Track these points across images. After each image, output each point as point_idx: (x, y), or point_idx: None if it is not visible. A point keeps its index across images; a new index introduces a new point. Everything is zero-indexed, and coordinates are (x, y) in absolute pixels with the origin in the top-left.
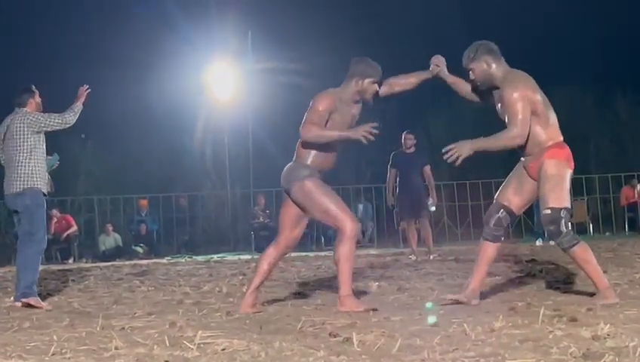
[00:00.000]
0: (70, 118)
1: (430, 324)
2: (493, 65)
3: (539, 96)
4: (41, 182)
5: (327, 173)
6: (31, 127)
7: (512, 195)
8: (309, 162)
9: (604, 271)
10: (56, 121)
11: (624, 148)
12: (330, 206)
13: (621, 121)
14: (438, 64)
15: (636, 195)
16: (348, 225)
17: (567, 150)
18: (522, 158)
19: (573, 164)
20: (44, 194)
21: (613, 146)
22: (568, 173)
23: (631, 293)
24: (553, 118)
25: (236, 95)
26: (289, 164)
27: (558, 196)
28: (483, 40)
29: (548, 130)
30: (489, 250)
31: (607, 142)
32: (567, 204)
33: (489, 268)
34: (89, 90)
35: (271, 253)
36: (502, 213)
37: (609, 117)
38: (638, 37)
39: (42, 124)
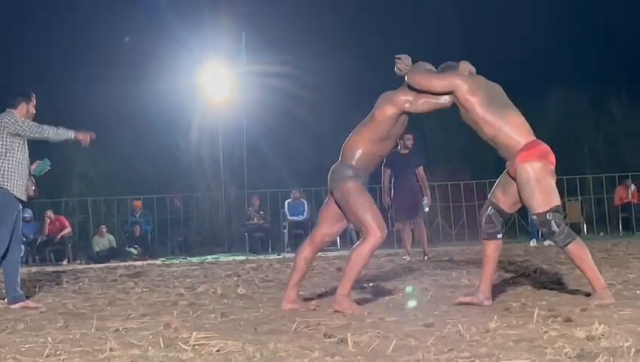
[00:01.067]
0: (49, 132)
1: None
2: None
3: (479, 97)
4: (12, 184)
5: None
6: (7, 127)
7: (501, 195)
8: (353, 162)
9: None
10: (33, 129)
11: (618, 148)
12: (364, 211)
13: (615, 121)
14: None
15: (630, 195)
16: (374, 233)
17: (539, 147)
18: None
19: (551, 158)
20: (19, 199)
21: (607, 147)
22: (546, 170)
23: (625, 294)
24: (515, 118)
25: (230, 96)
26: (335, 164)
27: (540, 200)
28: (445, 62)
29: (514, 132)
30: (488, 248)
31: (601, 142)
32: (553, 203)
33: (494, 267)
34: (94, 139)
35: (306, 248)
36: (490, 210)
37: (603, 118)
38: (632, 38)
39: (18, 127)
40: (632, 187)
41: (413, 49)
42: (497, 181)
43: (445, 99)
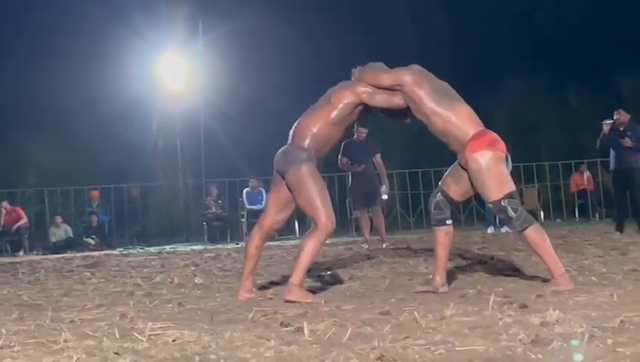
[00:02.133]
0: None
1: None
2: None
3: (426, 89)
4: None
5: (322, 161)
6: None
7: (452, 183)
8: (305, 145)
9: None
10: None
11: (574, 135)
12: (315, 197)
13: (571, 108)
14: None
15: (585, 182)
16: (323, 221)
17: (487, 136)
18: None
19: (500, 145)
20: None
21: (563, 134)
22: (496, 158)
23: (580, 279)
24: (462, 109)
25: (188, 85)
26: (284, 147)
27: (493, 188)
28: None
29: (463, 123)
30: (439, 235)
31: (557, 129)
32: (507, 189)
33: (446, 253)
34: None
35: (256, 235)
36: (439, 196)
37: (559, 105)
38: (588, 26)
39: None
40: (587, 173)
41: (366, 39)
42: (449, 169)
43: (400, 100)
